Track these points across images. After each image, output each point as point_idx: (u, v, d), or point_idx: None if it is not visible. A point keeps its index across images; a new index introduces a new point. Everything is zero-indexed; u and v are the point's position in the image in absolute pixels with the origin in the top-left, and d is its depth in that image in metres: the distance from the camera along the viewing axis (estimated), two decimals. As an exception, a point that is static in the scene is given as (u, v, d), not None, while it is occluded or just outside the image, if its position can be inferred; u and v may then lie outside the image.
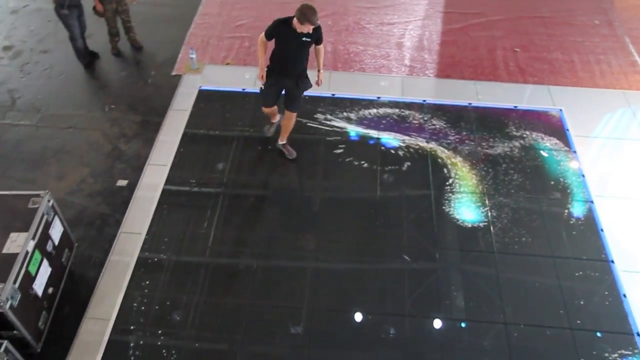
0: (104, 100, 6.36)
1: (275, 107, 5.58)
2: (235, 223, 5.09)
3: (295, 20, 4.68)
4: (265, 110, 5.58)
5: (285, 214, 5.21)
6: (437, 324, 4.46)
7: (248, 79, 6.55)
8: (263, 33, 4.97)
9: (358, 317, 4.49)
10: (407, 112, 6.21)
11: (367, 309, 4.54)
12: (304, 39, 4.83)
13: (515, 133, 6.01)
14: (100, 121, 6.09)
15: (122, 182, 5.44)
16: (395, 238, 5.01)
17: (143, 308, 4.45)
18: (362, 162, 5.67)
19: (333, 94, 6.39)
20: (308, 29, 4.69)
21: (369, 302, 4.58)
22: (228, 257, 4.85)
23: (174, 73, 6.71)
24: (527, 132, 6.02)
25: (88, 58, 6.78)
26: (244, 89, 6.43)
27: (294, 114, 5.43)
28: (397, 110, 6.23)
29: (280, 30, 4.84)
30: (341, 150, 5.77)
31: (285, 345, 4.30)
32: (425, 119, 6.13)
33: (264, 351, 4.27)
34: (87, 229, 5.03)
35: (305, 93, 5.32)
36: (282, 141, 5.69)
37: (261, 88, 5.33)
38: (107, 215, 5.14)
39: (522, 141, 5.92)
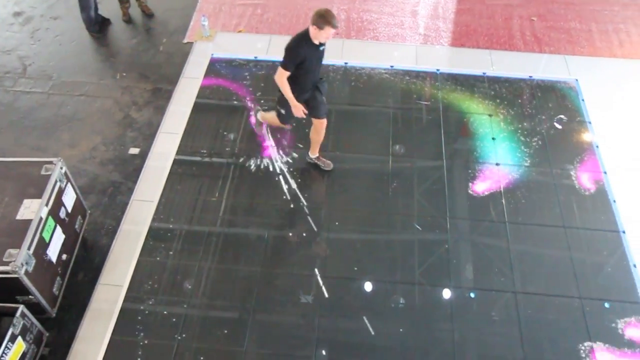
0: (115, 68, 6.24)
1: None
2: (246, 193, 5.02)
3: (313, 30, 4.15)
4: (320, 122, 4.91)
5: (297, 184, 5.12)
6: (447, 293, 4.41)
7: (260, 48, 6.38)
8: (281, 69, 4.31)
9: (368, 286, 4.45)
10: (419, 82, 6.05)
11: (378, 278, 4.49)
12: (321, 48, 4.37)
13: (529, 103, 5.83)
14: (111, 89, 5.98)
15: (134, 150, 5.36)
16: (407, 208, 4.93)
17: (155, 276, 4.43)
18: (374, 132, 5.55)
19: (346, 63, 6.22)
20: (327, 34, 4.16)
21: (379, 272, 4.53)
22: (239, 227, 4.79)
23: (185, 40, 6.56)
24: (542, 103, 5.84)
25: (97, 27, 6.62)
26: (256, 57, 6.27)
27: (324, 120, 4.87)
28: (409, 79, 6.07)
29: (302, 52, 4.25)
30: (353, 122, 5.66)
31: (296, 314, 4.27)
32: (439, 88, 5.96)
33: (274, 320, 4.25)
34: (99, 196, 4.98)
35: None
36: (314, 154, 5.20)
37: (281, 112, 4.76)
38: (119, 183, 5.09)
39: (536, 112, 5.75)
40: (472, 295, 4.40)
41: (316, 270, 4.50)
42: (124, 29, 6.77)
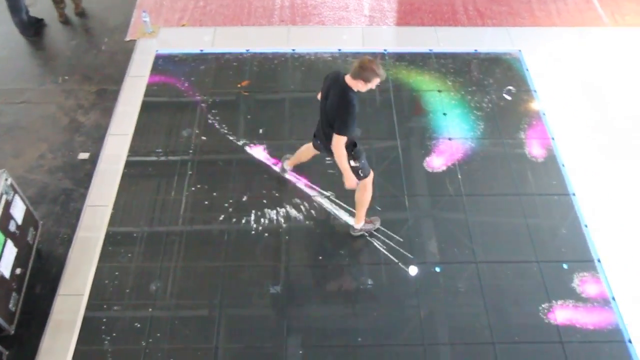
0: (56, 72, 5.98)
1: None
2: (206, 189, 4.92)
3: (359, 84, 3.74)
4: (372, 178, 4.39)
5: (256, 175, 5.05)
6: (413, 270, 4.46)
7: (206, 41, 6.23)
8: (341, 137, 3.82)
9: (335, 270, 4.45)
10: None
11: (344, 261, 4.50)
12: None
13: (477, 77, 5.92)
14: (54, 94, 5.73)
15: (83, 155, 5.17)
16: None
17: (117, 282, 4.31)
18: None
19: (293, 50, 6.15)
20: (374, 84, 3.79)
21: (344, 255, 4.54)
22: (202, 224, 4.70)
23: (127, 38, 6.34)
24: (489, 75, 5.94)
25: (32, 30, 6.32)
26: (202, 50, 6.12)
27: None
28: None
29: (357, 106, 3.84)
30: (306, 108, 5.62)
31: (266, 305, 4.24)
32: (388, 68, 5.98)
33: (245, 313, 4.21)
34: (50, 205, 4.79)
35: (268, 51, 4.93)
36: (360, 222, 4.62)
37: (359, 168, 4.18)
38: (70, 190, 4.90)
39: (484, 84, 5.84)
40: (437, 269, 4.46)
41: (282, 259, 4.47)
42: (61, 30, 6.48)
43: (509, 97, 5.73)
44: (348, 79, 3.79)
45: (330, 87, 3.92)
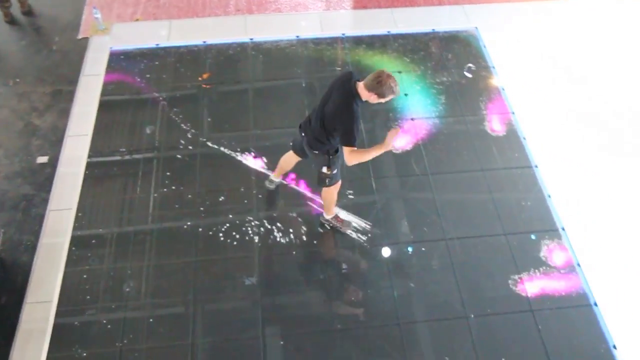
0: (6, 74, 5.73)
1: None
2: (174, 185, 4.82)
3: (371, 96, 3.54)
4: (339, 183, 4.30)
5: (222, 169, 4.98)
6: (386, 252, 4.49)
7: (161, 35, 6.07)
8: (352, 147, 3.62)
9: (309, 258, 4.44)
10: (327, 48, 6.01)
11: (317, 248, 4.49)
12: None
13: (436, 56, 5.96)
14: (5, 97, 5.51)
15: (42, 159, 4.99)
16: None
17: (87, 286, 4.19)
18: (291, 105, 5.49)
19: (251, 39, 6.06)
20: (385, 100, 3.58)
21: (318, 242, 4.53)
22: (172, 220, 4.60)
23: (80, 36, 6.12)
24: (447, 54, 5.98)
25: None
26: (158, 45, 5.97)
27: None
28: (316, 47, 6.02)
29: (360, 115, 3.66)
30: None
31: (242, 297, 4.21)
32: (346, 52, 5.96)
33: (221, 307, 4.16)
34: (11, 212, 4.62)
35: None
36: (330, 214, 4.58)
37: (328, 177, 4.08)
38: (31, 196, 4.74)
39: (443, 63, 5.88)
40: (409, 249, 4.50)
41: (254, 250, 4.43)
42: (8, 31, 6.21)
43: (469, 75, 5.79)
44: (360, 87, 3.56)
45: (336, 87, 3.69)
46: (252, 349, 3.95)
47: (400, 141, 5.20)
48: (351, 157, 3.66)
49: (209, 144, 5.13)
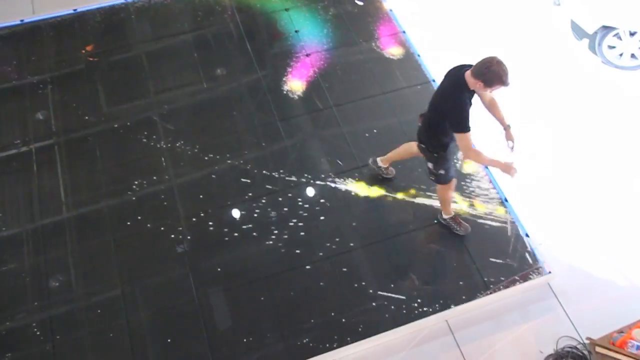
0: None
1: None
2: (81, 168, 4.60)
3: (479, 83, 3.34)
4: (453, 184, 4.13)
5: (127, 143, 4.76)
6: (311, 191, 4.54)
7: (23, 9, 5.47)
8: (465, 134, 3.45)
9: (235, 212, 4.42)
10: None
11: (242, 201, 4.48)
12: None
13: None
14: None
15: None
16: (245, 125, 4.89)
17: (9, 290, 4.00)
18: (183, 64, 5.28)
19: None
20: (493, 90, 3.43)
21: (241, 195, 4.50)
22: (88, 204, 4.43)
23: None
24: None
25: None
26: (23, 21, 5.40)
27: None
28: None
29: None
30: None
31: (178, 266, 4.15)
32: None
33: (160, 281, 4.10)
34: None
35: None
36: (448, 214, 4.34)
37: (437, 174, 3.95)
38: None
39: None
40: (332, 185, 4.57)
41: (179, 216, 4.37)
42: None
43: (361, 3, 5.74)
44: (467, 75, 3.40)
45: (447, 77, 3.61)
46: (192, 312, 3.95)
47: (299, 81, 5.15)
48: (464, 147, 3.51)
49: (110, 119, 4.88)
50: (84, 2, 5.59)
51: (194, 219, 4.37)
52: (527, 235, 4.33)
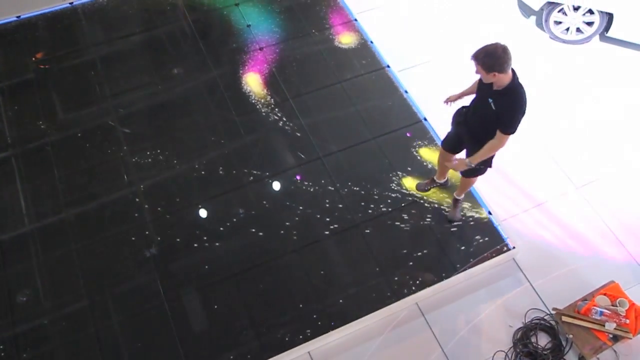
0: None
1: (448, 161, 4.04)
2: (40, 178, 4.46)
3: (492, 76, 3.20)
4: (440, 156, 4.25)
5: (87, 150, 4.63)
6: (277, 185, 4.51)
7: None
8: (507, 137, 3.36)
9: (202, 212, 4.36)
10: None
11: (209, 199, 4.41)
12: (489, 99, 3.35)
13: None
14: None
15: None
16: (207, 123, 4.80)
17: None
18: (139, 65, 5.13)
19: (71, 3, 5.46)
20: (490, 80, 3.23)
21: (208, 193, 4.44)
22: (51, 215, 4.30)
23: None
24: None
25: None
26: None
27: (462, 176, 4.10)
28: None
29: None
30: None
31: (148, 270, 4.08)
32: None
33: (131, 287, 4.03)
34: None
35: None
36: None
37: (478, 170, 3.88)
38: None
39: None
40: (297, 178, 4.54)
41: (146, 220, 4.29)
42: None
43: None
44: (484, 76, 3.23)
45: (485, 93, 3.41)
46: (163, 314, 3.90)
47: (255, 75, 5.08)
48: (502, 143, 3.41)
49: (67, 126, 4.73)
50: (28, 8, 5.37)
51: (160, 222, 4.29)
52: (489, 213, 4.39)
